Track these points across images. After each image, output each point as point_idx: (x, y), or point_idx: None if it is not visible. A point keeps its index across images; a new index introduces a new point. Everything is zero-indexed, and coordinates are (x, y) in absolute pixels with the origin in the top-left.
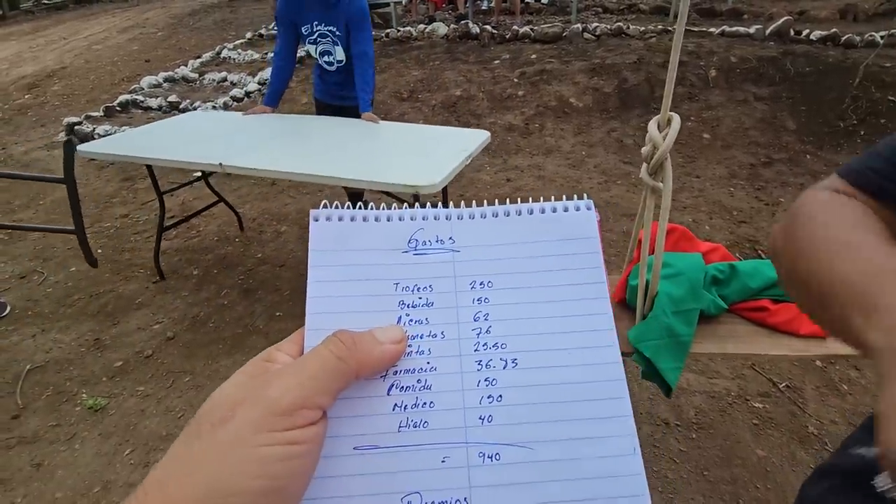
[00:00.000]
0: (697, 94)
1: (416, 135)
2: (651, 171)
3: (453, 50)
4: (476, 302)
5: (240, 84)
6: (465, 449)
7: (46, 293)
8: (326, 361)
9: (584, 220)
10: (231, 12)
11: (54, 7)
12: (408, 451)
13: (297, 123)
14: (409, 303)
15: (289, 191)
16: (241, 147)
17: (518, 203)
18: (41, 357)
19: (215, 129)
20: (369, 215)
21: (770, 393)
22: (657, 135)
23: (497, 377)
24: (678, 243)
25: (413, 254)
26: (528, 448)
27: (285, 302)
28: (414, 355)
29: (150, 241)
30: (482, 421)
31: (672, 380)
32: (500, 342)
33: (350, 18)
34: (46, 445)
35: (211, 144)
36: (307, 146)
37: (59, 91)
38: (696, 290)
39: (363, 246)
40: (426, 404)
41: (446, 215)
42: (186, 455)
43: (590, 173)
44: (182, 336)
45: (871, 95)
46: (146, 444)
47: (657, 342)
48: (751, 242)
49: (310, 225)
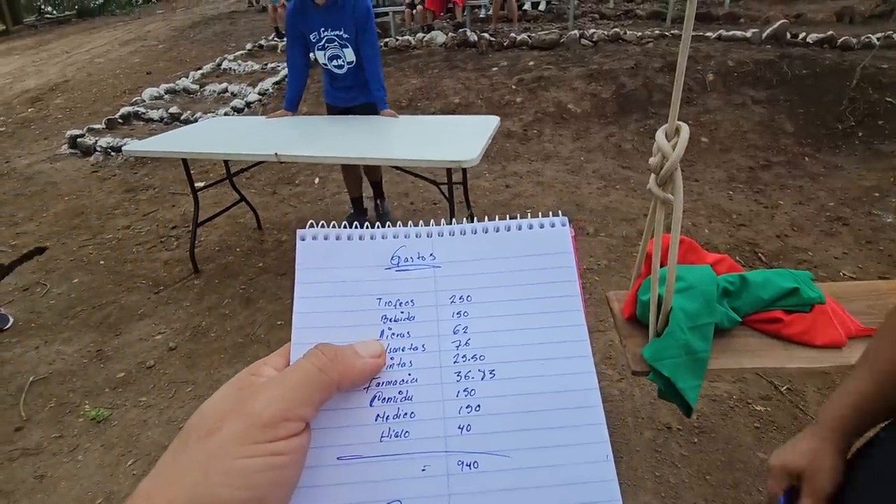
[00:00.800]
0: (695, 98)
1: (436, 123)
2: (660, 182)
3: (452, 58)
4: (456, 315)
5: (240, 95)
6: (445, 458)
7: (49, 305)
8: (308, 373)
9: (558, 235)
10: (231, 24)
11: (57, 21)
12: (389, 460)
13: (324, 122)
14: (391, 317)
15: (289, 200)
16: (287, 141)
17: (496, 220)
18: (44, 369)
19: (249, 130)
20: (353, 234)
21: (771, 396)
22: (666, 145)
23: (476, 388)
24: (685, 255)
25: (396, 270)
26: (505, 456)
27: (287, 311)
28: (396, 367)
29: (153, 252)
30: (461, 430)
31: (692, 398)
32: (479, 354)
33: (358, 20)
34: (49, 457)
35: (255, 140)
36: (345, 137)
37: (62, 104)
38: (710, 303)
39: (348, 263)
40: (407, 414)
41: (427, 233)
42: (172, 466)
43: (588, 178)
44: (184, 346)
45: (869, 97)
46: (148, 455)
47: (675, 360)
48: (750, 245)
49: (297, 244)
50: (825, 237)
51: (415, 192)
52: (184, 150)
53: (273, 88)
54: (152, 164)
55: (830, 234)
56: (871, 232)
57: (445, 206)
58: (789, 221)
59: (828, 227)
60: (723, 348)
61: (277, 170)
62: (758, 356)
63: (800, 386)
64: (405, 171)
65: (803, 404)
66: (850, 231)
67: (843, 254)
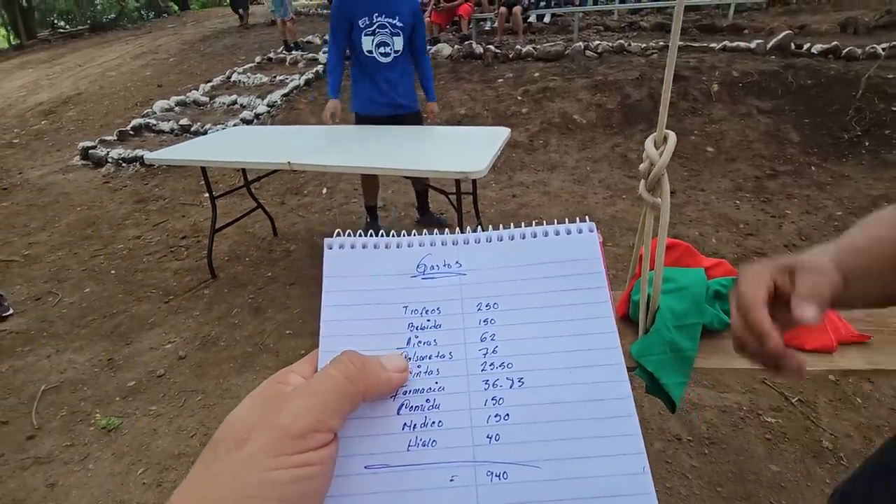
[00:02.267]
0: (700, 109)
1: (446, 134)
2: (649, 187)
3: (457, 70)
4: (483, 323)
5: (250, 106)
6: (473, 468)
7: (61, 314)
8: (337, 383)
9: (586, 241)
10: (240, 37)
11: (70, 35)
12: (417, 469)
13: (338, 131)
14: (417, 325)
15: (298, 210)
16: (301, 149)
17: (522, 227)
18: (56, 378)
19: (264, 139)
20: (380, 242)
21: (782, 407)
22: (654, 152)
23: (504, 396)
24: (681, 259)
25: (422, 278)
26: (535, 467)
27: (295, 320)
28: (422, 375)
29: (163, 262)
30: (489, 440)
31: (676, 395)
32: (507, 362)
33: (416, 10)
34: (60, 465)
35: (269, 149)
36: (357, 146)
37: (74, 116)
38: (698, 304)
39: (374, 272)
40: (435, 423)
41: (453, 241)
42: (203, 478)
43: (595, 188)
44: (193, 355)
45: (875, 106)
46: (159, 464)
47: (660, 357)
48: (758, 255)
49: (324, 253)
50: None
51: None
52: (204, 158)
53: (281, 100)
54: (163, 175)
55: None
56: None
57: (454, 216)
58: (797, 231)
59: (836, 236)
60: (713, 349)
61: (287, 180)
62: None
63: (811, 397)
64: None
65: (814, 416)
66: None
67: None
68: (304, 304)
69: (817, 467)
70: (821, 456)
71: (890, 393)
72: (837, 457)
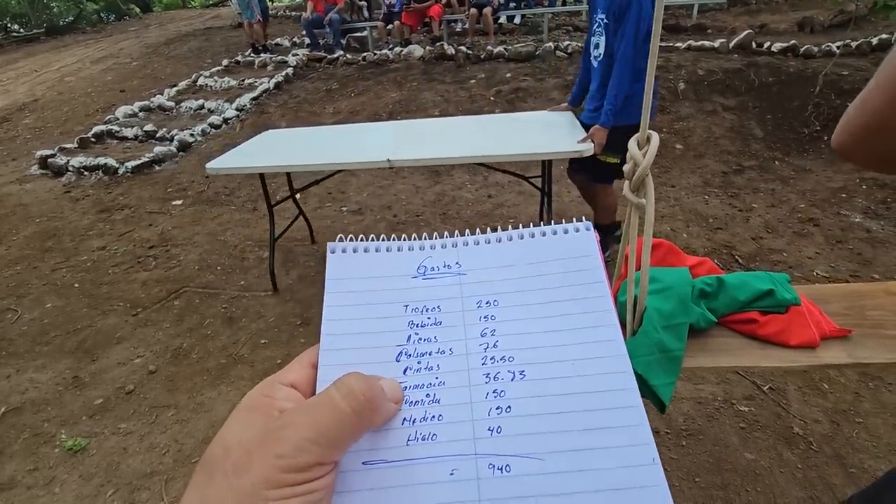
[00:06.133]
0: (668, 107)
1: (517, 120)
2: (633, 188)
3: (430, 71)
4: (483, 319)
5: (217, 111)
6: (475, 461)
7: (21, 331)
8: (343, 417)
9: (583, 239)
10: (206, 40)
11: (25, 40)
12: (416, 464)
13: (401, 127)
14: (417, 322)
15: None
16: (385, 147)
17: (520, 228)
18: (17, 399)
19: (314, 140)
20: (381, 246)
21: (754, 395)
22: (637, 153)
23: (505, 388)
24: (665, 258)
25: (422, 279)
26: (539, 459)
27: (270, 329)
28: (423, 371)
29: (130, 273)
30: (491, 432)
31: (665, 395)
32: (508, 355)
33: (620, 4)
34: (24, 491)
35: (343, 149)
36: (453, 136)
37: (31, 124)
38: (684, 303)
39: (375, 274)
40: (435, 417)
41: (452, 243)
42: (201, 502)
43: (569, 187)
44: (164, 369)
45: (832, 102)
46: (129, 484)
47: (648, 358)
48: (727, 248)
49: (327, 256)
50: (798, 238)
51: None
52: (289, 162)
53: (251, 104)
54: (127, 184)
55: (803, 235)
56: (841, 232)
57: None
58: (763, 224)
59: (800, 228)
60: (700, 347)
61: (258, 186)
62: (734, 355)
63: (781, 385)
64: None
65: (785, 402)
66: (821, 231)
67: (815, 254)
68: (279, 311)
69: (789, 453)
70: (792, 442)
71: (854, 378)
72: (808, 442)
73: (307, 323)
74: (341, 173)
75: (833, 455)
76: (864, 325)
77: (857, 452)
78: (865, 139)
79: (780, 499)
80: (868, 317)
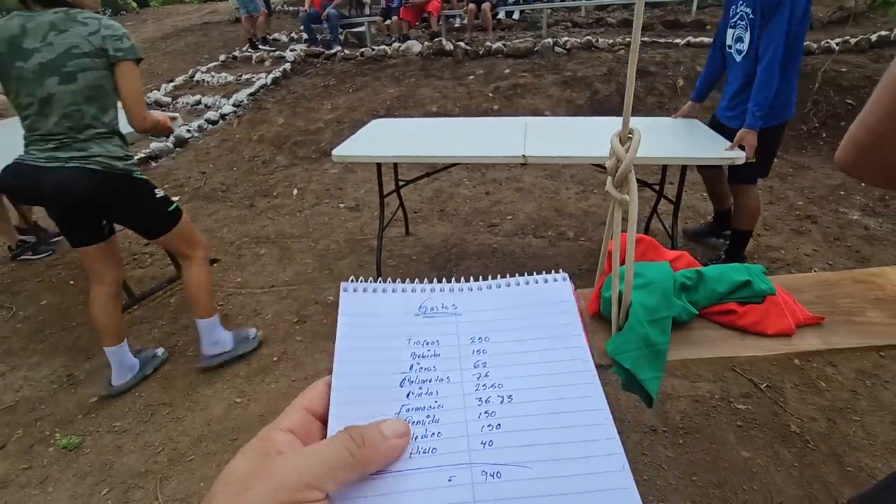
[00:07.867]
0: (667, 103)
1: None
2: (616, 184)
3: (428, 67)
4: (476, 353)
5: (214, 107)
6: (470, 469)
7: (15, 329)
8: (340, 453)
9: (560, 288)
10: (203, 35)
11: None
12: (417, 473)
13: (506, 122)
14: (419, 353)
15: (267, 212)
16: (510, 142)
17: (507, 278)
18: (10, 397)
19: (434, 131)
20: (388, 287)
21: (752, 394)
22: (620, 148)
23: (496, 410)
24: (645, 253)
25: (423, 317)
26: (526, 467)
27: (266, 327)
28: (423, 396)
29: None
30: (484, 445)
31: (653, 389)
32: (498, 383)
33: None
34: (17, 490)
35: (470, 142)
36: (571, 136)
37: None
38: (668, 298)
39: (383, 311)
40: (434, 434)
41: (450, 288)
42: None
43: (567, 184)
44: (160, 367)
45: (831, 99)
46: (124, 483)
47: (636, 353)
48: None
49: (340, 295)
50: (796, 235)
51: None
52: (418, 154)
53: (248, 100)
54: None
55: (800, 233)
56: (839, 229)
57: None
58: (761, 221)
59: (798, 225)
60: (682, 340)
61: (255, 182)
62: (715, 347)
63: (778, 383)
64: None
65: (782, 401)
66: (819, 228)
67: (813, 251)
68: (275, 309)
69: (786, 451)
70: (789, 440)
71: (851, 376)
72: (804, 440)
73: (303, 321)
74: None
75: (830, 453)
76: (835, 312)
77: (853, 450)
78: (868, 154)
79: (777, 497)
80: (838, 304)
